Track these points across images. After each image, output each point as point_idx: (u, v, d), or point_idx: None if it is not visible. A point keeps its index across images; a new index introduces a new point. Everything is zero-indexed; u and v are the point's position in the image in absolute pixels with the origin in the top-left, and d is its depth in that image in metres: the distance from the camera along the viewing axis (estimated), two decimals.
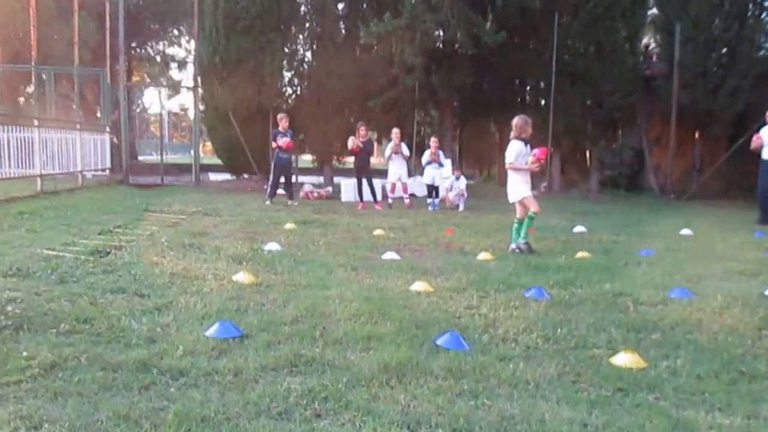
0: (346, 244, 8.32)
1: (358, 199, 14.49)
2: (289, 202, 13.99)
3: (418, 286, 5.62)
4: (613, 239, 9.42)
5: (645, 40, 24.04)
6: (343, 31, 20.60)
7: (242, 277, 5.56)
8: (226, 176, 22.07)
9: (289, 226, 9.92)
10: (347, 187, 17.48)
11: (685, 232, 10.58)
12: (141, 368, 3.16)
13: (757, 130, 13.33)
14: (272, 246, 7.66)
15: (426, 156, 14.98)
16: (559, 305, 5.17)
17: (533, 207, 8.09)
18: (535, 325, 4.46)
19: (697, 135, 23.08)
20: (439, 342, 3.88)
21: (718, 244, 9.13)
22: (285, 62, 20.02)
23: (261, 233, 9.08)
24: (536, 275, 6.43)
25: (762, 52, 21.02)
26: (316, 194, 17.71)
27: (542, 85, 22.11)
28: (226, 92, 18.81)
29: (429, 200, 14.80)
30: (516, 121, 8.09)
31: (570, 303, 5.27)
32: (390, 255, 7.49)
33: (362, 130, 14.44)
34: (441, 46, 19.88)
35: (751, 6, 20.05)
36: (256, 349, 3.60)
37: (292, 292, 5.19)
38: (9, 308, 4.07)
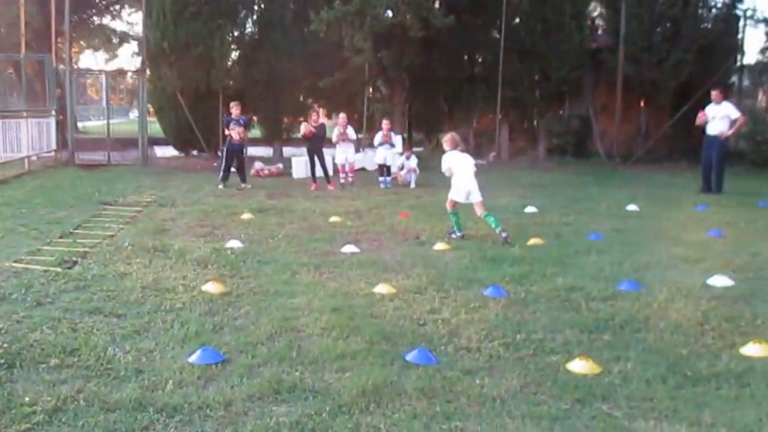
0: (305, 237, 8.52)
1: (311, 178, 14.67)
2: (242, 185, 14.12)
3: (381, 288, 5.87)
4: (564, 221, 9.81)
5: (592, 15, 24.59)
6: (292, 14, 20.59)
7: (211, 287, 5.73)
8: (174, 152, 21.93)
9: (246, 216, 10.04)
10: (298, 164, 17.61)
11: (632, 207, 11.06)
12: (137, 407, 3.34)
13: (703, 107, 13.89)
14: (234, 243, 7.80)
15: (378, 137, 15.27)
16: (516, 304, 5.49)
17: (449, 204, 9.03)
18: (496, 330, 4.76)
19: (642, 103, 23.80)
20: (408, 358, 4.15)
21: (663, 223, 9.60)
22: (234, 46, 19.94)
23: (220, 226, 9.20)
24: (492, 269, 6.74)
25: (704, 25, 21.78)
26: (267, 171, 17.78)
27: (491, 59, 22.45)
28: (174, 75, 18.75)
29: (381, 178, 15.11)
30: (449, 137, 9.21)
31: (526, 301, 5.60)
32: (349, 248, 7.72)
33: (314, 116, 14.78)
34: (391, 28, 20.02)
35: None
36: (240, 375, 3.81)
37: (261, 302, 5.38)
38: None
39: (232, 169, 14.59)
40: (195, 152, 21.49)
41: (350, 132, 15.16)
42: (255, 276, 6.31)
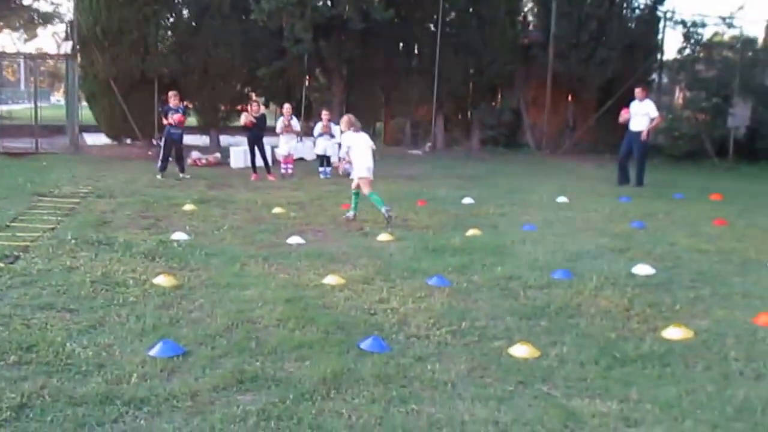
0: (250, 228, 8.64)
1: (251, 168, 14.71)
2: (181, 175, 14.06)
3: (331, 279, 6.09)
4: (499, 212, 10.21)
5: (524, 11, 25.34)
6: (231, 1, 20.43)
7: (163, 280, 5.82)
8: (106, 140, 21.48)
9: (188, 207, 10.07)
10: (236, 153, 17.60)
11: (562, 199, 11.56)
12: (104, 400, 3.46)
13: (627, 104, 14.54)
14: (179, 236, 7.87)
15: (318, 128, 15.42)
16: (460, 293, 5.80)
17: (365, 189, 9.58)
18: (443, 318, 5.05)
19: (570, 98, 24.65)
20: (363, 346, 4.39)
21: (590, 214, 10.11)
22: (170, 32, 19.66)
23: (163, 218, 9.22)
24: (435, 259, 7.04)
25: (629, 25, 22.74)
26: (204, 161, 17.69)
27: (428, 52, 22.83)
28: (108, 61, 18.40)
29: (321, 169, 15.29)
30: (345, 118, 9.98)
31: (469, 290, 5.91)
32: (295, 239, 7.90)
33: (255, 106, 14.83)
34: (331, 20, 20.16)
35: None
36: (202, 367, 3.97)
37: (214, 294, 5.52)
38: None
39: (170, 159, 14.50)
40: (128, 140, 21.15)
41: (295, 123, 15.30)
42: (204, 268, 6.42)
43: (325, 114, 15.92)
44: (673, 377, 4.05)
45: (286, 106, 15.24)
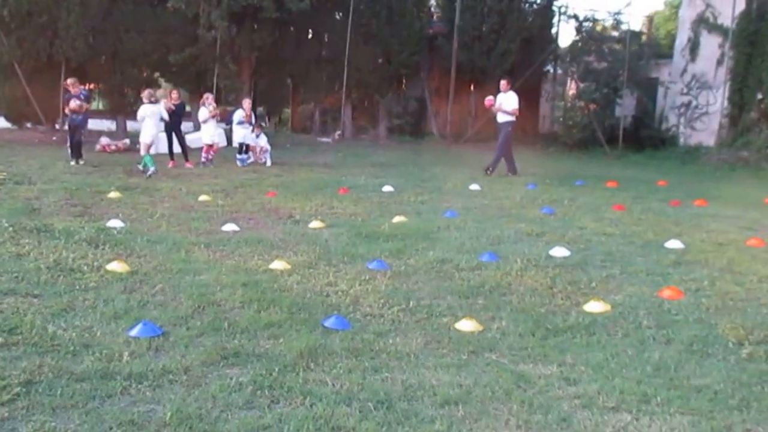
0: (182, 216, 8.83)
1: (168, 155, 14.71)
2: (71, 162, 13.83)
3: (278, 264, 6.44)
4: (420, 200, 10.80)
5: (429, 3, 26.12)
6: None
7: (117, 266, 6.01)
8: (5, 123, 20.72)
9: (113, 194, 10.11)
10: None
11: (474, 187, 12.29)
12: (104, 376, 3.72)
13: (503, 94, 15.08)
14: (115, 223, 7.98)
15: (239, 116, 15.53)
16: (400, 276, 6.29)
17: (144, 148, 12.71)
18: (391, 298, 5.53)
19: (472, 87, 25.65)
20: (327, 324, 4.81)
21: (503, 201, 10.86)
22: (80, 16, 19.10)
23: (91, 205, 9.26)
24: (369, 244, 7.50)
25: (530, 19, 23.91)
26: (113, 147, 17.45)
27: (338, 41, 23.20)
28: (13, 44, 17.79)
29: (239, 156, 15.46)
30: (146, 92, 13.32)
31: (407, 273, 6.42)
32: (230, 226, 8.18)
33: (174, 94, 14.87)
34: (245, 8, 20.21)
35: None
36: (184, 345, 4.28)
37: (171, 280, 5.77)
38: None
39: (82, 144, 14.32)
40: (29, 125, 20.47)
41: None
42: (151, 255, 6.62)
43: (247, 102, 16.13)
44: (599, 344, 4.70)
45: (209, 96, 15.33)
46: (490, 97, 14.70)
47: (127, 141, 18.48)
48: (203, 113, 15.17)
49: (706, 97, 21.05)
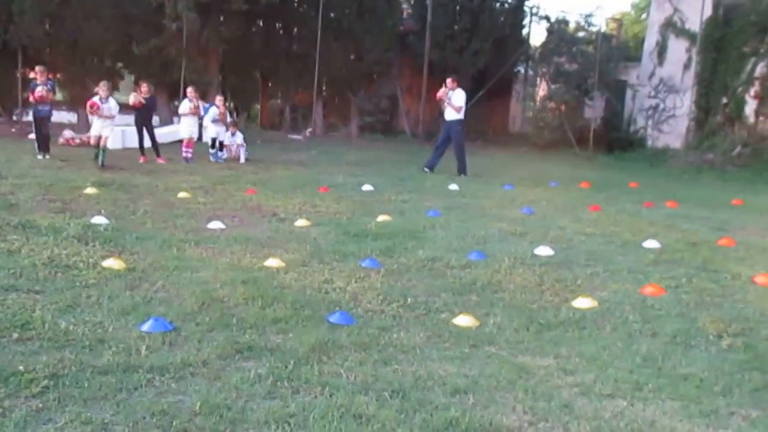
0: (165, 213, 8.85)
1: (138, 150, 14.68)
2: (39, 156, 13.61)
3: (272, 262, 6.57)
4: (401, 199, 10.98)
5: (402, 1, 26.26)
6: None
7: (113, 263, 6.07)
8: None
9: (90, 190, 10.05)
10: (114, 134, 17.24)
11: (453, 187, 12.53)
12: (126, 369, 3.83)
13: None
14: (100, 220, 7.98)
15: (213, 113, 15.50)
16: (393, 274, 6.47)
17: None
18: (389, 295, 5.70)
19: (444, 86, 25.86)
20: (332, 320, 4.97)
21: (483, 201, 11.11)
22: (35, 1, 18.71)
23: (69, 201, 9.21)
24: (358, 243, 7.66)
25: (502, 19, 24.23)
26: (78, 140, 17.27)
27: (309, 37, 23.24)
28: None
29: (212, 152, 15.46)
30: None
31: (400, 271, 6.60)
32: (216, 224, 8.26)
33: (144, 87, 14.69)
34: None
35: None
36: (197, 340, 4.40)
37: (170, 277, 5.85)
38: None
39: (31, 136, 14.13)
40: None
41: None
42: (144, 252, 6.68)
43: (219, 99, 16.12)
44: (590, 337, 4.95)
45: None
46: (443, 89, 14.70)
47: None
48: (184, 107, 15.16)
49: (674, 100, 21.64)
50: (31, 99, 13.69)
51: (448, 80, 14.87)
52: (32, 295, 5.12)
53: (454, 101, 14.53)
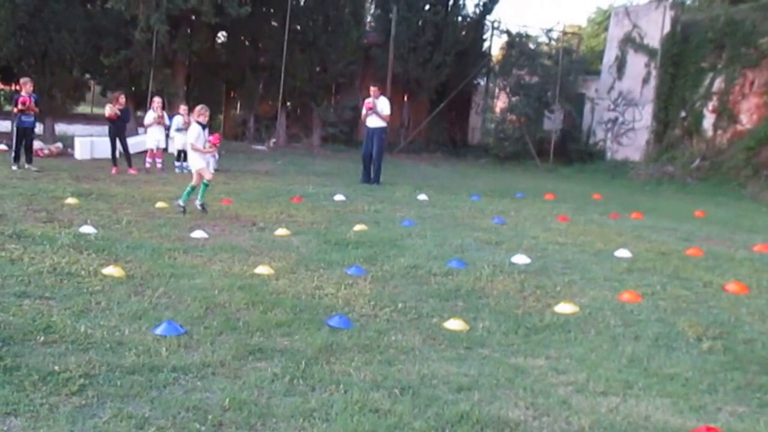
0: (148, 222, 8.99)
1: (111, 161, 14.70)
2: (27, 166, 13.73)
3: (262, 269, 6.79)
4: (374, 209, 11.26)
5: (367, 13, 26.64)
6: None
7: (113, 271, 6.23)
8: None
9: (70, 201, 10.12)
10: (82, 144, 17.28)
11: (422, 197, 12.88)
12: (152, 369, 4.03)
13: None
14: (88, 229, 8.09)
15: (178, 123, 15.59)
16: (379, 281, 6.74)
17: (207, 176, 10.05)
18: (379, 301, 5.98)
19: (405, 98, 26.37)
20: (331, 323, 5.23)
21: (454, 211, 11.48)
22: (10, 14, 18.68)
23: (53, 211, 9.29)
24: (340, 252, 7.91)
25: (464, 33, 24.75)
26: (46, 151, 17.20)
27: (275, 49, 23.44)
28: None
29: (177, 163, 15.54)
30: (196, 108, 10.21)
31: (386, 278, 6.87)
32: (199, 233, 8.42)
33: (121, 99, 14.78)
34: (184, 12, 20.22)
35: None
36: (210, 343, 4.61)
37: (169, 284, 6.03)
38: None
39: (2, 147, 14.13)
40: None
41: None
42: (137, 260, 6.83)
43: (183, 109, 16.19)
44: (576, 340, 5.30)
45: (157, 100, 15.38)
46: (369, 100, 14.81)
47: (60, 145, 18.21)
48: (149, 117, 15.23)
49: (633, 113, 22.44)
50: (15, 110, 13.71)
51: (373, 88, 15.02)
52: (45, 301, 5.28)
53: (381, 109, 14.73)
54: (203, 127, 9.98)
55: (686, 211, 13.76)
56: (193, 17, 20.57)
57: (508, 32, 25.24)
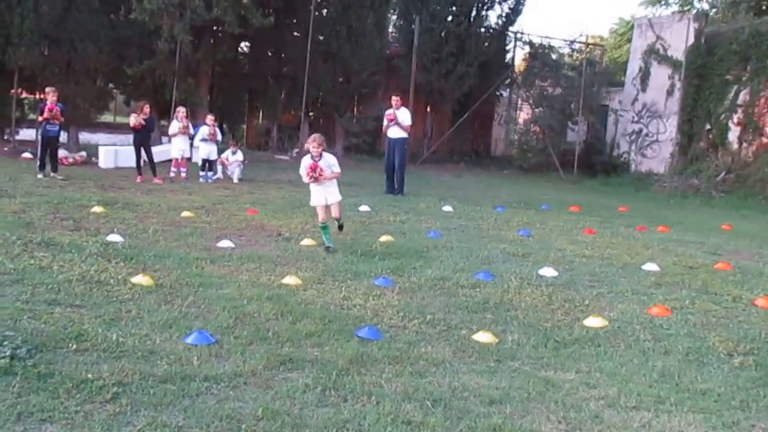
0: (174, 231, 9.04)
1: (136, 170, 14.82)
2: (52, 174, 13.88)
3: (290, 280, 6.81)
4: (399, 219, 11.27)
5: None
6: None
7: (142, 279, 6.28)
8: None
9: (96, 209, 10.21)
10: (107, 153, 17.45)
11: (447, 208, 12.85)
12: (185, 378, 4.05)
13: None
14: (115, 238, 8.16)
15: (203, 133, 15.71)
16: (407, 292, 6.74)
17: (320, 215, 8.72)
18: (408, 312, 5.97)
19: (428, 109, 26.40)
20: (361, 334, 5.23)
21: (479, 222, 11.45)
22: (35, 24, 18.95)
23: (80, 220, 9.38)
24: (367, 263, 7.90)
25: (486, 44, 24.74)
26: (71, 160, 17.39)
27: (298, 59, 23.56)
28: None
29: (202, 173, 15.64)
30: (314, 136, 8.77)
31: (413, 289, 6.86)
32: (225, 243, 8.47)
33: (145, 108, 14.90)
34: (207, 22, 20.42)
35: (475, 8, 23.76)
36: (240, 353, 4.63)
37: (198, 293, 6.07)
38: None
39: (26, 155, 14.32)
40: None
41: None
42: (165, 269, 6.88)
43: (210, 119, 16.30)
44: (606, 354, 5.26)
45: (181, 109, 15.54)
46: (390, 111, 14.84)
47: (84, 153, 18.42)
48: (174, 127, 15.37)
49: (657, 125, 22.29)
50: (40, 118, 13.92)
51: (394, 99, 15.05)
52: (76, 309, 5.33)
53: (402, 120, 14.73)
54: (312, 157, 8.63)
55: (712, 224, 13.63)
56: (217, 27, 20.73)
57: (530, 43, 25.23)
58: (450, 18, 23.64)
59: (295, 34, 23.88)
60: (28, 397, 3.66)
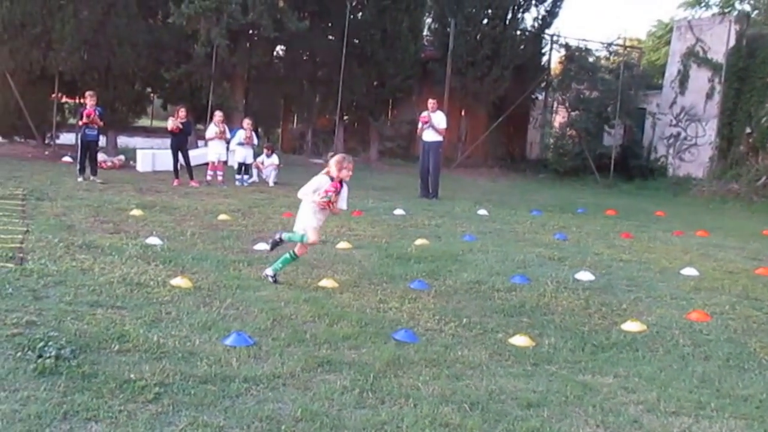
0: (212, 234, 9.15)
1: (173, 174, 15.02)
2: (92, 178, 14.13)
3: (326, 283, 6.85)
4: (434, 223, 11.27)
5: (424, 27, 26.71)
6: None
7: (180, 281, 6.38)
8: None
9: (135, 212, 10.38)
10: (144, 157, 17.71)
11: (482, 212, 12.81)
12: (224, 379, 4.12)
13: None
14: (154, 240, 8.29)
15: (240, 137, 15.89)
16: (442, 295, 6.74)
17: (311, 237, 6.95)
18: (444, 316, 5.97)
19: (463, 113, 26.33)
20: (397, 337, 5.25)
21: (514, 226, 11.39)
22: (75, 29, 19.32)
23: (119, 222, 9.54)
24: (402, 266, 7.92)
25: (522, 47, 24.58)
26: (109, 163, 17.69)
27: (333, 63, 23.69)
28: (5, 54, 17.97)
29: (238, 176, 15.82)
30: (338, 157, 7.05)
31: (449, 293, 6.87)
32: (262, 246, 8.52)
33: (182, 112, 15.10)
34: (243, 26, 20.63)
35: (510, 11, 23.62)
36: (278, 354, 4.68)
37: (236, 295, 6.14)
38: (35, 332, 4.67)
39: (66, 159, 14.58)
40: (19, 138, 20.61)
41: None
42: (203, 272, 6.98)
43: (247, 124, 16.47)
44: (645, 359, 5.20)
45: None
46: (425, 114, 14.85)
47: (122, 157, 18.73)
48: (211, 131, 15.57)
49: (695, 129, 21.94)
50: (80, 123, 14.19)
51: (431, 102, 15.09)
52: (117, 310, 5.43)
53: (437, 123, 14.72)
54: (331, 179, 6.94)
55: (753, 229, 13.37)
56: (253, 31, 20.92)
57: (567, 46, 25.00)
58: (485, 21, 23.51)
59: (330, 37, 23.98)
60: (73, 396, 3.76)
